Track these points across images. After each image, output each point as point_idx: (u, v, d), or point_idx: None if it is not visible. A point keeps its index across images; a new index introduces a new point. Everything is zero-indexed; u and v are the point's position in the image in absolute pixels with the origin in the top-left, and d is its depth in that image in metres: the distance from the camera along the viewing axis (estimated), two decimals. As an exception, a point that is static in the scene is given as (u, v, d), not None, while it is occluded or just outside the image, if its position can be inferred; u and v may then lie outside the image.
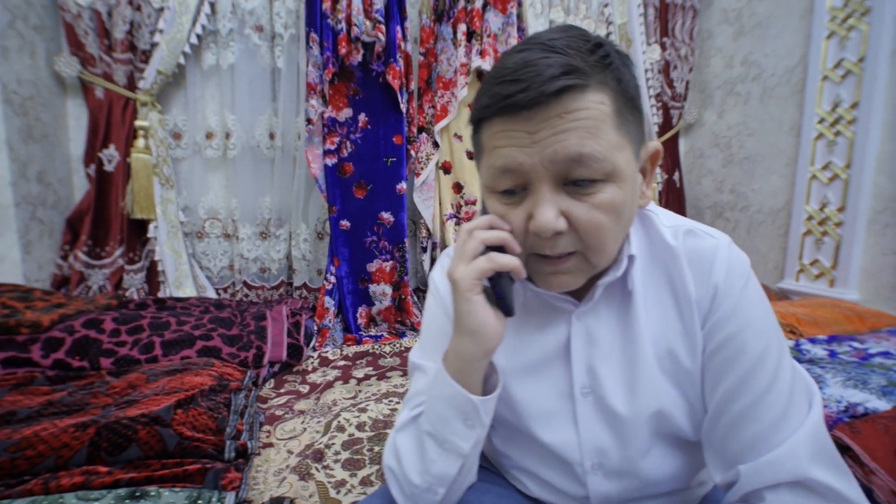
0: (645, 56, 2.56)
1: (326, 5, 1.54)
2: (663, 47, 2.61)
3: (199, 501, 0.68)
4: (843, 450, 0.89)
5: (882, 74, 1.95)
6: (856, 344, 1.43)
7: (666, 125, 2.72)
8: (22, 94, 1.65)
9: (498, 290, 0.46)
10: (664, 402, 0.49)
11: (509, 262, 0.44)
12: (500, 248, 0.46)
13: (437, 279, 0.60)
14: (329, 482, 0.85)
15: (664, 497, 0.55)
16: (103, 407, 0.86)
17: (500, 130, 0.43)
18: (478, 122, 0.46)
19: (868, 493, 0.84)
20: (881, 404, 0.96)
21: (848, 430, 0.90)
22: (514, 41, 1.77)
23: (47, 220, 1.78)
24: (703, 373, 0.48)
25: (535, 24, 2.27)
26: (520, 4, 1.80)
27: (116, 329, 1.27)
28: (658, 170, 2.74)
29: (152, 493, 0.67)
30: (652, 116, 2.63)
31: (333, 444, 0.96)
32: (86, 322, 1.27)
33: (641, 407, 0.49)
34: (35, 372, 1.07)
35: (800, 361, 1.26)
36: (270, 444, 0.97)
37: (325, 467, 0.88)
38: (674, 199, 2.79)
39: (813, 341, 1.51)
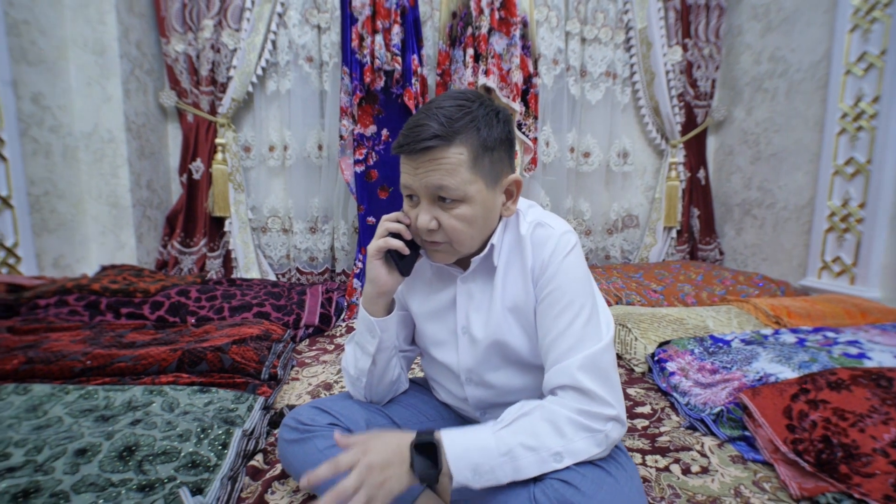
0: (665, 58, 2.65)
1: (355, 43, 1.89)
2: (685, 48, 2.68)
3: (241, 398, 1.04)
4: (743, 408, 1.06)
5: (904, 67, 1.92)
6: (830, 334, 1.50)
7: (690, 124, 2.77)
8: (138, 123, 2.19)
9: (394, 259, 0.73)
10: (506, 336, 0.74)
11: (395, 244, 0.71)
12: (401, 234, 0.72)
13: None
14: (332, 403, 1.18)
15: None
16: (187, 342, 1.27)
17: (403, 162, 0.68)
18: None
19: (753, 440, 1.00)
20: (791, 374, 1.10)
21: (751, 392, 1.06)
22: (517, 60, 2.01)
23: (153, 218, 2.32)
24: (535, 316, 0.73)
25: (551, 38, 2.48)
26: (525, 25, 2.03)
27: (199, 297, 1.71)
28: (682, 168, 2.80)
29: (213, 391, 1.04)
30: (674, 116, 2.70)
31: (340, 381, 1.30)
32: (178, 291, 1.73)
33: (489, 336, 0.74)
34: (145, 322, 1.53)
35: (749, 344, 1.39)
36: (297, 379, 1.33)
37: (330, 393, 1.22)
38: (698, 196, 2.83)
39: (795, 331, 1.59)
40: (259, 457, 0.92)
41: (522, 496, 0.59)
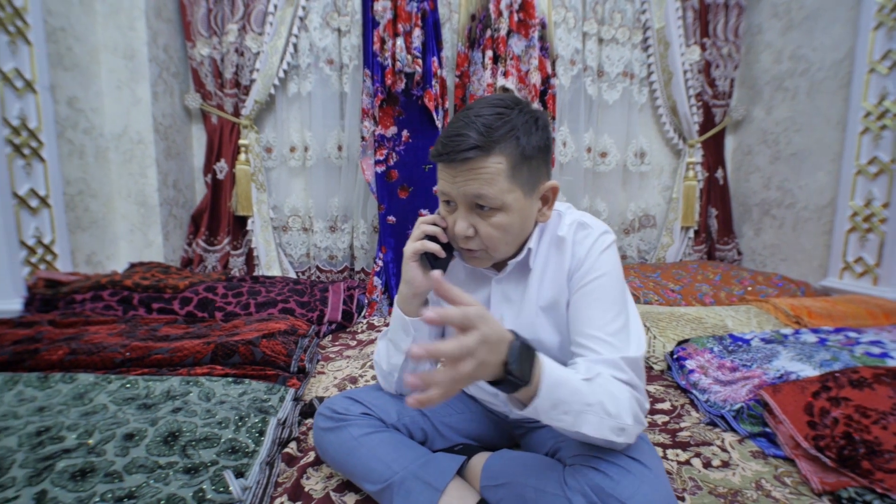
0: (683, 58, 2.64)
1: (376, 46, 1.93)
2: (703, 48, 2.66)
3: (273, 389, 1.08)
4: (764, 405, 1.07)
5: (930, 65, 1.89)
6: (852, 334, 1.50)
7: (707, 124, 2.75)
8: (165, 124, 2.26)
9: (430, 261, 0.75)
10: (539, 334, 0.76)
11: (432, 247, 0.73)
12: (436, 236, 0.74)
13: None
14: (357, 396, 1.21)
15: None
16: (218, 336, 1.32)
17: (441, 169, 0.69)
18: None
19: (773, 436, 1.02)
20: (812, 373, 1.10)
21: (771, 390, 1.07)
22: (535, 61, 2.03)
23: (179, 217, 2.40)
24: (567, 308, 0.75)
25: (568, 38, 2.49)
26: (543, 27, 2.04)
27: (225, 293, 1.77)
28: (699, 167, 2.79)
29: (246, 382, 1.09)
30: (692, 116, 2.69)
31: (365, 375, 1.34)
32: (206, 288, 1.78)
33: (522, 334, 0.76)
34: (176, 317, 1.59)
35: (769, 343, 1.39)
36: (323, 373, 1.37)
37: (356, 385, 1.26)
38: (716, 196, 2.81)
39: (816, 331, 1.58)
40: (293, 445, 0.96)
41: (552, 480, 0.61)
